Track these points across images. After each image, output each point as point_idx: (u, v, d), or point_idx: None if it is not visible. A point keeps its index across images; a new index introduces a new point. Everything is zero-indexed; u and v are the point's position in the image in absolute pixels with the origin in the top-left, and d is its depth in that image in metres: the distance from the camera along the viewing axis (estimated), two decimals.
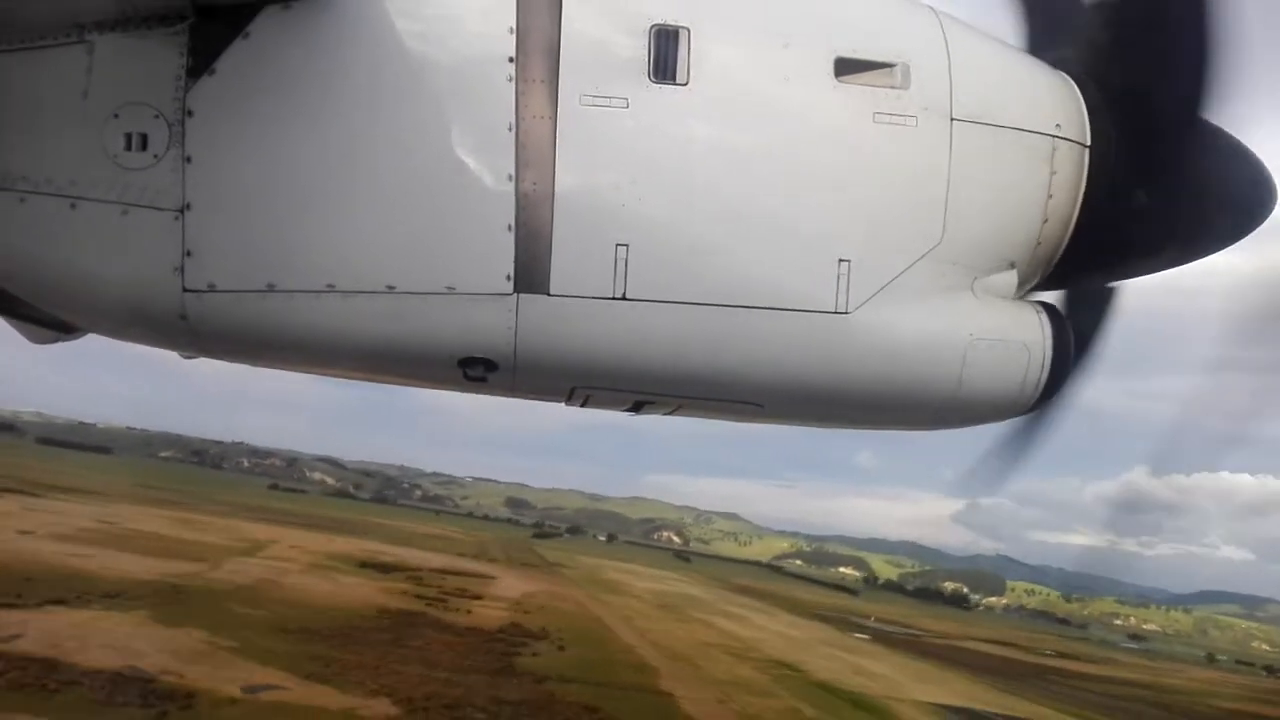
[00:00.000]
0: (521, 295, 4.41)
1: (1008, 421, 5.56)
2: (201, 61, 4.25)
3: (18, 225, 4.32)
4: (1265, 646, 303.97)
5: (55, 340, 5.86)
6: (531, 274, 4.40)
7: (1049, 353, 4.95)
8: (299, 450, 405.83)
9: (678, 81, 4.52)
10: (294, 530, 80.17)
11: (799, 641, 69.79)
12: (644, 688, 33.99)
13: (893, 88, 4.71)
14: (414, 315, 4.44)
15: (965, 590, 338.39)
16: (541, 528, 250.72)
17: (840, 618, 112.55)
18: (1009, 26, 5.79)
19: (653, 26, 4.53)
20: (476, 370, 4.65)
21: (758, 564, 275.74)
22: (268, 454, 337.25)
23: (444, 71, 4.40)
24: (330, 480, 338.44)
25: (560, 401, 5.11)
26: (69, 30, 4.27)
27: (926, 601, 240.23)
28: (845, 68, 4.68)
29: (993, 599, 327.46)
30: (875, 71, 4.72)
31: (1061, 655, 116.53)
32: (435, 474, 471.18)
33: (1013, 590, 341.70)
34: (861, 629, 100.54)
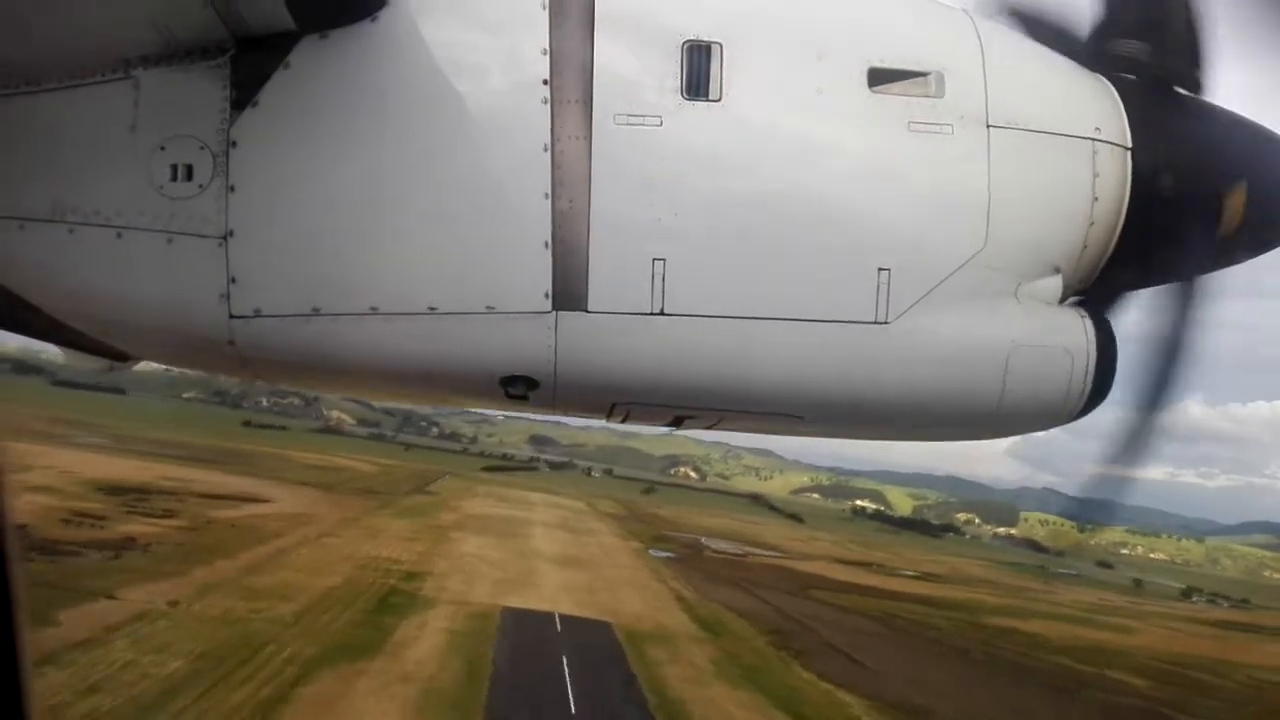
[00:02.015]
0: (560, 313, 4.51)
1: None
2: (245, 94, 4.44)
3: (67, 256, 4.47)
4: (1276, 575, 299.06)
5: (109, 368, 5.93)
6: (570, 291, 4.49)
7: (1094, 359, 4.92)
8: None
9: (711, 98, 4.60)
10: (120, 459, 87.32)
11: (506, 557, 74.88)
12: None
13: (927, 96, 4.77)
14: (455, 335, 4.54)
15: (975, 519, 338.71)
16: (503, 459, 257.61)
17: (692, 543, 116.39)
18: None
19: (685, 43, 4.64)
20: (518, 388, 4.74)
21: (746, 496, 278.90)
22: (287, 393, 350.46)
23: (479, 95, 4.53)
24: (348, 418, 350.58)
25: (601, 417, 5.23)
26: (115, 67, 4.46)
27: (906, 531, 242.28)
28: (879, 78, 4.75)
29: (1002, 529, 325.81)
30: (909, 81, 4.78)
31: (919, 578, 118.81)
32: (466, 411, 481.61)
33: (1025, 521, 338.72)
34: (688, 552, 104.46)
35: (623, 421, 5.19)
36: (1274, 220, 5.44)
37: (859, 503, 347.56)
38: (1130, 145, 4.97)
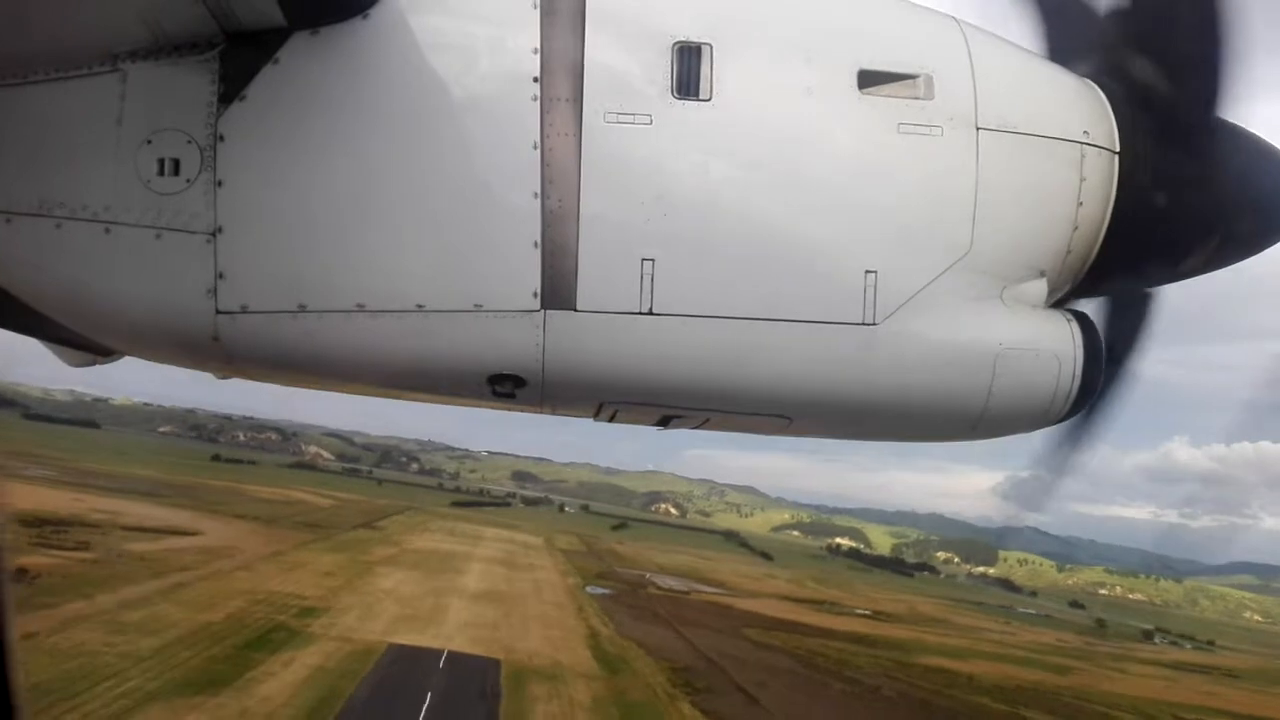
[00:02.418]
0: (549, 312, 4.52)
1: (1048, 434, 5.58)
2: (233, 88, 4.42)
3: (53, 251, 4.46)
4: (1257, 617, 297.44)
5: (91, 363, 5.95)
6: (558, 291, 4.50)
7: (1080, 362, 4.95)
8: (324, 425, 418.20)
9: (701, 98, 4.61)
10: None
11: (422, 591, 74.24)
12: None
13: (916, 98, 4.79)
14: (443, 333, 4.54)
15: (954, 558, 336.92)
16: (479, 494, 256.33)
17: (637, 580, 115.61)
18: (1026, 36, 5.78)
19: (675, 44, 4.65)
20: (505, 387, 4.75)
21: (721, 533, 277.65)
22: (264, 428, 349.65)
23: (469, 93, 4.54)
24: (326, 454, 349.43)
25: (589, 417, 5.20)
26: (103, 60, 4.43)
27: (879, 569, 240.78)
28: (868, 80, 4.77)
29: (981, 568, 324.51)
30: (899, 83, 4.80)
31: (869, 616, 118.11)
32: (450, 448, 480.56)
33: (1004, 560, 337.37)
34: (628, 589, 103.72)
35: (610, 420, 5.17)
36: (1260, 226, 5.44)
37: (839, 540, 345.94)
38: (1118, 150, 4.99)
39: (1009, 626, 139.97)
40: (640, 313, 4.53)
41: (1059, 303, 5.22)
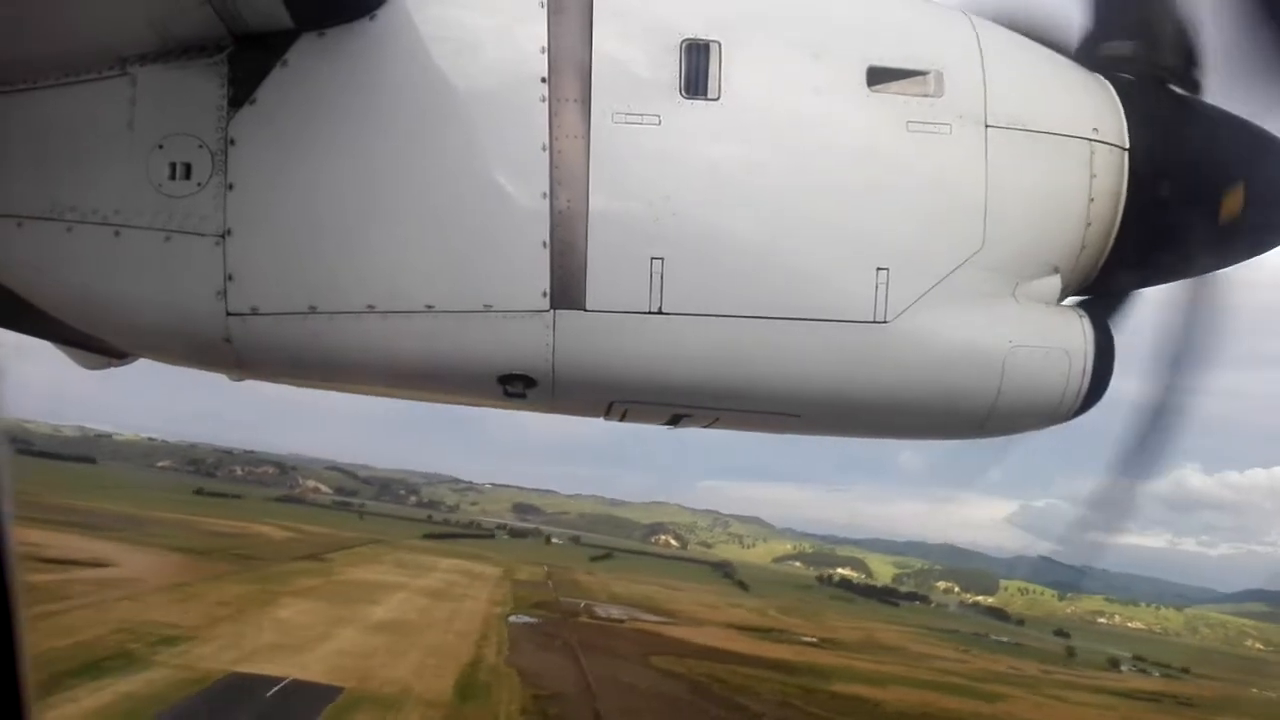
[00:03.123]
0: (558, 312, 4.50)
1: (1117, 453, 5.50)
2: (242, 91, 4.42)
3: (65, 254, 4.46)
4: (1259, 645, 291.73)
5: (105, 366, 5.98)
6: (568, 290, 4.49)
7: (1091, 360, 4.93)
8: (330, 459, 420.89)
9: (709, 96, 4.60)
10: None
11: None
12: None
13: (926, 95, 4.76)
14: (453, 334, 4.53)
15: (955, 588, 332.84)
16: (466, 526, 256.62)
17: (572, 609, 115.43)
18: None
19: (683, 42, 4.63)
20: (516, 387, 4.74)
21: (712, 564, 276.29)
22: (262, 462, 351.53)
23: (477, 93, 4.53)
24: (324, 487, 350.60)
25: (599, 416, 5.19)
26: (112, 64, 4.43)
27: (865, 598, 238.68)
28: (877, 77, 4.75)
29: (981, 597, 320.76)
30: (908, 80, 4.77)
31: (813, 644, 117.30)
32: (456, 480, 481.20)
33: (1005, 589, 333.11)
34: (558, 617, 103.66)
35: (621, 420, 5.17)
36: (1272, 220, 5.44)
37: (841, 570, 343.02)
38: (1128, 146, 4.97)
39: (966, 655, 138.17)
40: (650, 312, 4.52)
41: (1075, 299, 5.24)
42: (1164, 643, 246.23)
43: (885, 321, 4.66)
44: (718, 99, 4.62)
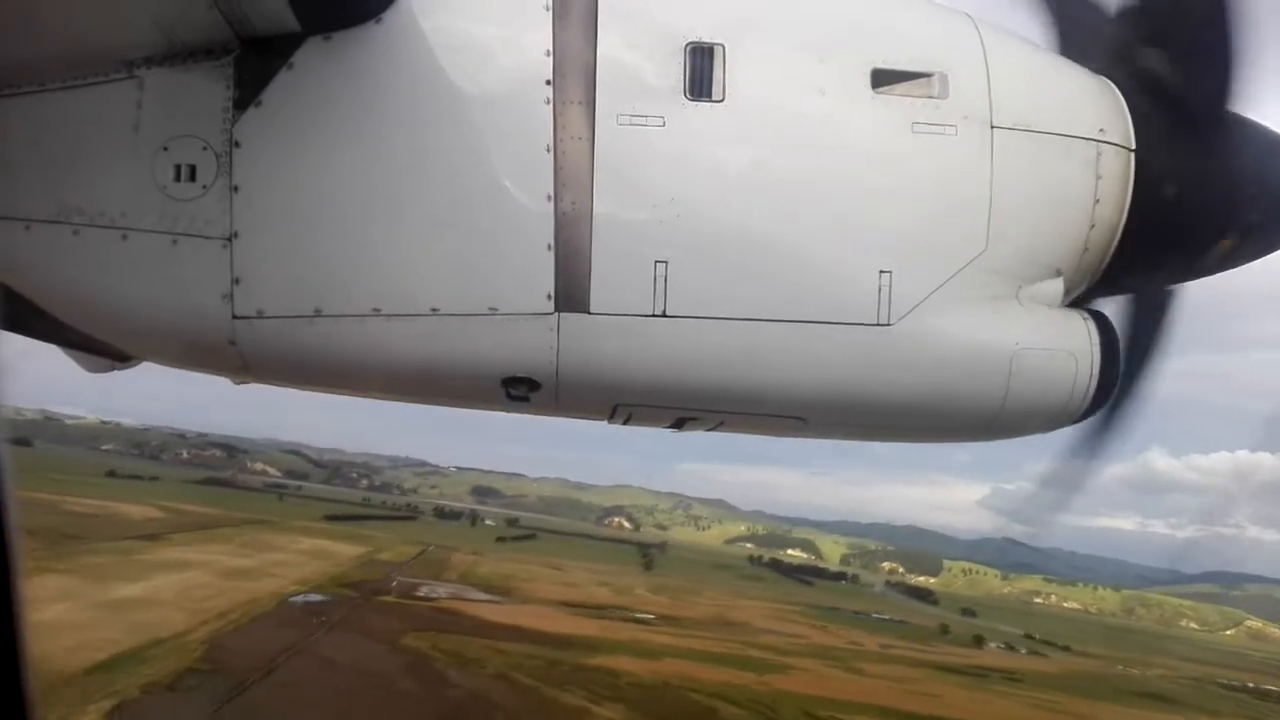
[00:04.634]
0: (562, 314, 4.51)
1: (1068, 437, 5.55)
2: (248, 93, 4.43)
3: (71, 257, 4.46)
4: (1194, 625, 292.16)
5: (110, 369, 5.98)
6: (572, 293, 4.48)
7: (1097, 362, 4.90)
8: (296, 442, 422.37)
9: (714, 99, 4.60)
10: None
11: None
12: None
13: (931, 97, 4.74)
14: (457, 336, 4.53)
15: (899, 569, 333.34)
16: (375, 506, 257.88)
17: (383, 588, 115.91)
18: (1037, 34, 5.79)
19: (688, 45, 4.62)
20: (520, 390, 4.73)
21: (640, 545, 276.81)
22: (211, 445, 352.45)
23: (482, 96, 4.53)
24: (272, 470, 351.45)
25: (603, 419, 5.20)
26: (119, 66, 4.45)
27: (787, 578, 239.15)
28: (882, 79, 4.74)
29: (922, 578, 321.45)
30: (913, 82, 4.76)
31: (654, 620, 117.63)
32: (421, 463, 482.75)
33: (949, 570, 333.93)
34: (357, 596, 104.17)
35: (625, 423, 5.20)
36: (1276, 224, 5.40)
37: (790, 552, 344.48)
38: (1134, 147, 4.98)
39: (818, 630, 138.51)
40: (654, 315, 4.57)
41: (1076, 302, 5.25)
42: (1083, 622, 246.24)
43: (889, 324, 4.67)
44: (722, 101, 4.63)
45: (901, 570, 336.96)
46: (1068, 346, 4.88)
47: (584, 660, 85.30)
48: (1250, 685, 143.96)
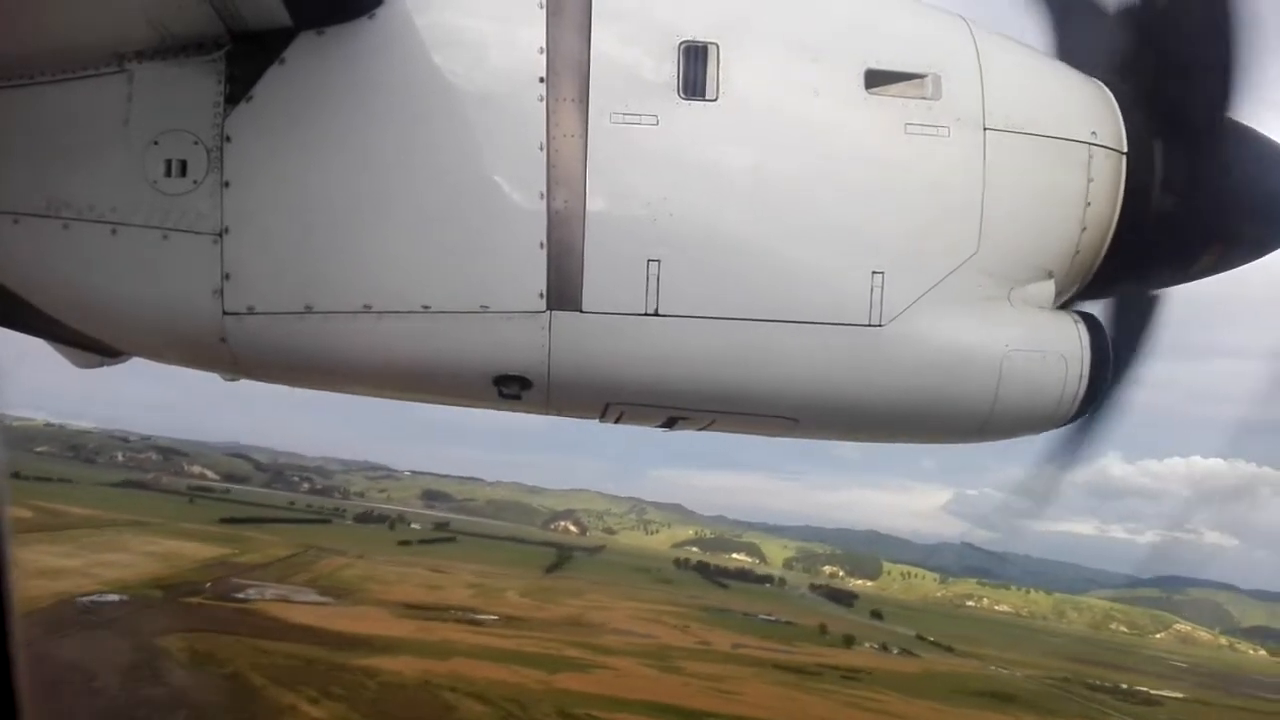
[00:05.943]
0: (554, 313, 4.47)
1: (1047, 439, 5.56)
2: (239, 88, 4.38)
3: (61, 252, 4.42)
4: (1123, 628, 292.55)
5: (99, 364, 5.96)
6: (564, 291, 4.46)
7: (1087, 364, 4.89)
8: (248, 445, 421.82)
9: (707, 97, 4.56)
10: None
11: None
12: None
13: (924, 98, 4.72)
14: (449, 334, 4.50)
15: (839, 572, 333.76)
16: (285, 508, 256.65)
17: (205, 589, 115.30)
18: (1036, 36, 5.75)
19: (682, 43, 4.58)
20: (511, 388, 4.70)
21: (561, 546, 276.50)
22: (147, 448, 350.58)
23: (475, 93, 4.49)
24: (210, 473, 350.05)
25: (594, 418, 5.16)
26: (109, 60, 4.38)
27: (702, 582, 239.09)
28: (876, 79, 4.70)
29: (862, 581, 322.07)
30: (906, 83, 4.73)
31: (500, 620, 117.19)
32: (376, 467, 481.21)
33: (888, 574, 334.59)
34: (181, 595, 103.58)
35: (616, 422, 5.16)
36: (1272, 227, 5.45)
37: (734, 555, 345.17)
38: (1126, 151, 4.95)
39: (677, 632, 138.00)
40: (646, 314, 4.51)
41: (1067, 304, 5.23)
42: (1006, 625, 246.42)
43: (880, 325, 4.61)
44: (716, 100, 4.57)
45: (841, 574, 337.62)
46: (1059, 349, 4.86)
47: (352, 661, 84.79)
48: (1123, 687, 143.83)
